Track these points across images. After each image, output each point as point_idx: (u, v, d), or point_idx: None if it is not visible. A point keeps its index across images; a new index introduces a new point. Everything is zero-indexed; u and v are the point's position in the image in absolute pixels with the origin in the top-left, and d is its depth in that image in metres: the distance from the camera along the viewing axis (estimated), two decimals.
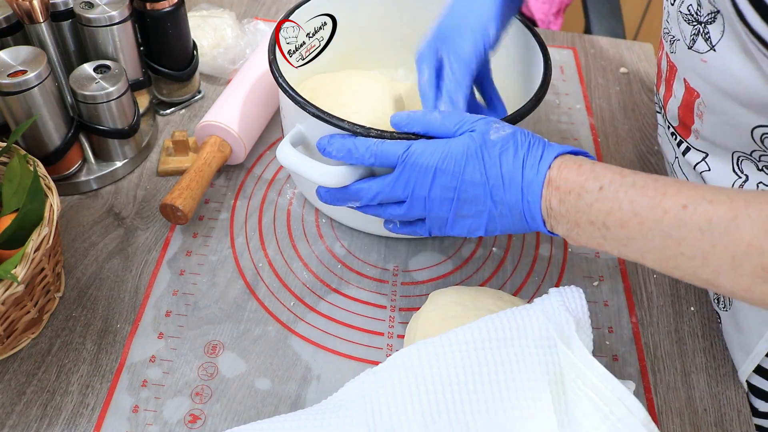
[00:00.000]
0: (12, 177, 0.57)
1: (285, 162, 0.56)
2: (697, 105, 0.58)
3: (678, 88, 0.60)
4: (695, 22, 0.54)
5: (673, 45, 0.59)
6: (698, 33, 0.54)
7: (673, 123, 0.64)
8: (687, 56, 0.56)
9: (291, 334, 0.60)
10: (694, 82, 0.57)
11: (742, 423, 0.57)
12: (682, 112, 0.61)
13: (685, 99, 0.59)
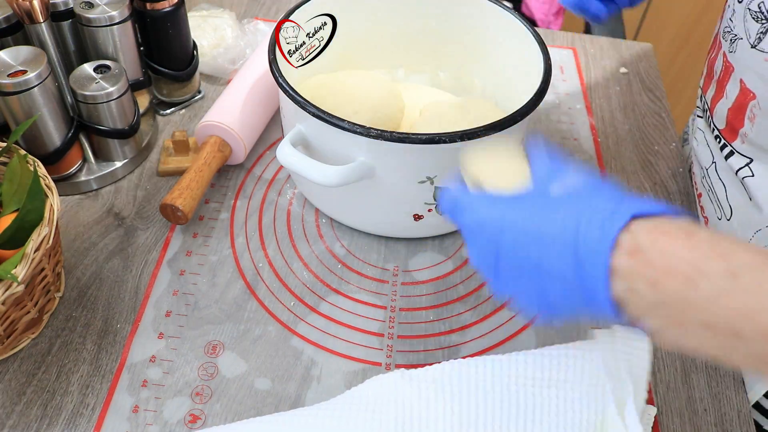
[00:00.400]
0: (12, 177, 0.56)
1: (285, 162, 0.56)
2: (750, 107, 0.57)
3: (732, 88, 0.59)
4: (764, 19, 0.53)
5: (733, 44, 0.58)
6: (766, 31, 0.53)
7: (719, 125, 0.62)
8: (748, 55, 0.55)
9: (291, 334, 0.60)
10: (752, 83, 0.56)
11: (742, 423, 0.57)
12: (732, 114, 0.60)
13: (738, 100, 0.58)
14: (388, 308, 0.63)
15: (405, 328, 0.61)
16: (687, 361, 0.61)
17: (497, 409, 0.48)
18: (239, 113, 0.72)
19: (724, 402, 0.58)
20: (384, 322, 0.62)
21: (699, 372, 0.60)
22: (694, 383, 0.59)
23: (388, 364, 0.59)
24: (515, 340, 0.61)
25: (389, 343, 0.60)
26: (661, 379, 0.59)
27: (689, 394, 0.59)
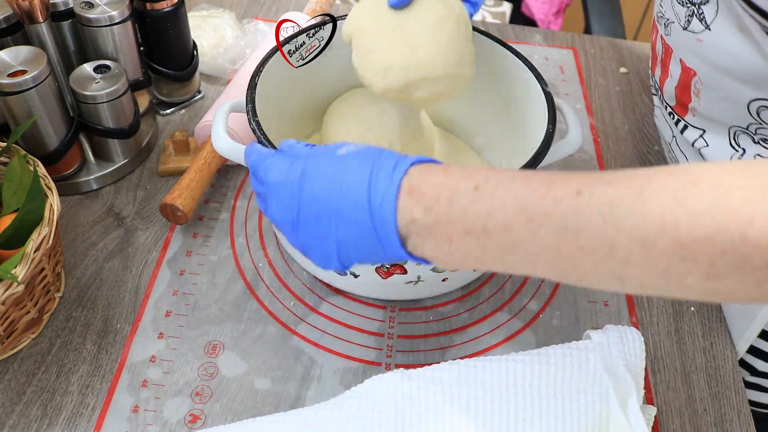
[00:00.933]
0: (12, 177, 0.57)
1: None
2: (693, 83, 0.59)
3: (674, 68, 0.62)
4: (689, 3, 0.56)
5: (667, 27, 0.61)
6: (693, 14, 0.56)
7: (670, 103, 0.66)
8: (682, 37, 0.58)
9: (291, 334, 0.60)
10: (690, 62, 0.59)
11: (742, 423, 0.57)
12: (679, 91, 0.63)
13: (681, 78, 0.61)
14: (388, 308, 0.63)
15: (405, 328, 0.61)
16: (687, 361, 0.61)
17: (498, 409, 0.48)
18: (239, 113, 0.71)
19: (724, 402, 0.58)
20: (384, 322, 0.62)
21: (699, 372, 0.60)
22: (694, 383, 0.59)
23: (388, 364, 0.59)
24: (515, 340, 0.61)
25: (389, 343, 0.60)
26: (661, 379, 0.59)
27: (689, 394, 0.59)
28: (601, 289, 0.38)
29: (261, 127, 0.55)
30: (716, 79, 0.56)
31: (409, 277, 0.58)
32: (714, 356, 0.62)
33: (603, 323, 0.63)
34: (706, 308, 0.65)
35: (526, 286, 0.66)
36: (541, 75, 0.62)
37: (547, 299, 0.64)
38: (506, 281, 0.66)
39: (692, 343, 0.62)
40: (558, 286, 0.66)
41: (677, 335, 0.63)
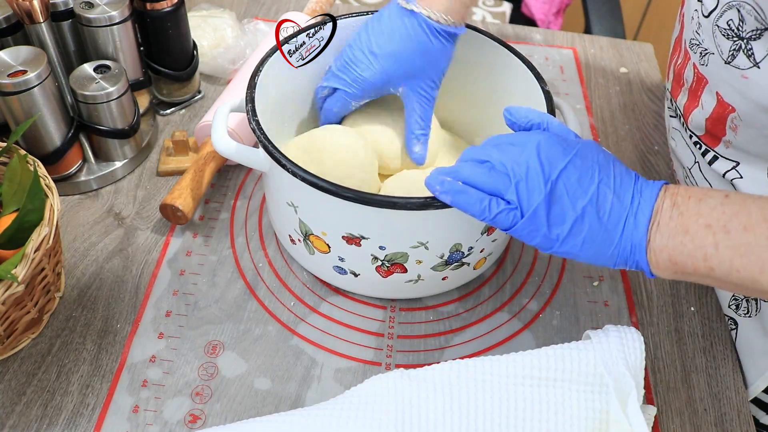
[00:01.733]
0: (12, 177, 0.56)
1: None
2: (730, 119, 0.56)
3: (707, 100, 0.59)
4: (736, 37, 0.52)
5: (704, 57, 0.57)
6: (739, 49, 0.52)
7: (697, 132, 0.62)
8: (723, 71, 0.55)
9: (291, 334, 0.60)
10: (730, 97, 0.55)
11: (742, 423, 0.57)
12: (711, 123, 0.59)
13: (716, 111, 0.58)
14: (388, 308, 0.63)
15: (405, 328, 0.61)
16: (687, 360, 0.61)
17: (497, 408, 0.48)
18: (239, 113, 0.72)
19: (724, 402, 0.58)
20: (384, 322, 0.62)
21: (699, 372, 0.60)
22: (694, 383, 0.59)
23: (388, 364, 0.59)
24: (515, 340, 0.61)
25: (389, 343, 0.60)
26: (661, 379, 0.59)
27: (689, 394, 0.59)
28: None
29: (261, 127, 0.55)
30: (759, 117, 0.53)
31: (410, 275, 0.58)
32: (714, 356, 0.62)
33: (603, 323, 0.63)
34: (706, 308, 0.65)
35: (526, 286, 0.66)
36: (540, 74, 0.62)
37: (547, 299, 0.64)
38: (506, 281, 0.66)
39: (692, 343, 0.62)
40: (558, 286, 0.66)
41: (677, 335, 0.63)
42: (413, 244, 0.55)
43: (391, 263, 0.57)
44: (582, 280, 0.66)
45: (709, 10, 0.56)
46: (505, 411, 0.47)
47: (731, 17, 0.53)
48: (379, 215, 0.52)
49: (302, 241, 0.59)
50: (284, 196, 0.57)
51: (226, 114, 0.60)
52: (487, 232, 0.57)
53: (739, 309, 0.62)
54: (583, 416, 0.47)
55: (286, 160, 0.52)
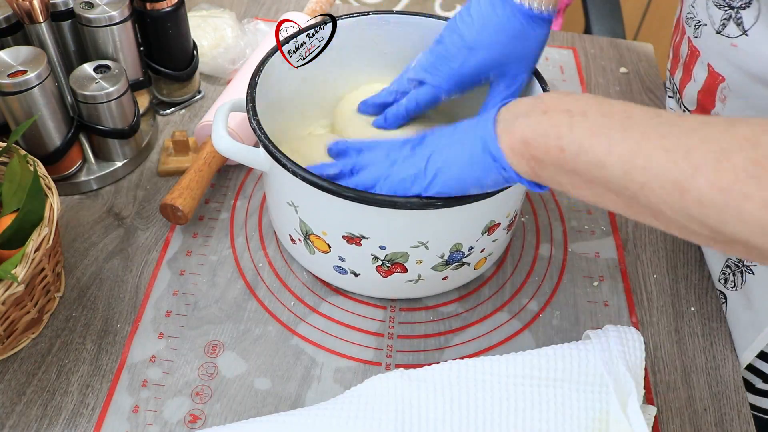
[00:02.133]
0: (12, 177, 0.57)
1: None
2: (720, 89, 0.58)
3: (699, 72, 0.60)
4: (727, 6, 0.54)
5: (697, 30, 0.59)
6: (730, 18, 0.54)
7: (689, 107, 0.64)
8: (714, 41, 0.56)
9: (291, 334, 0.60)
10: (720, 67, 0.57)
11: (742, 423, 0.57)
12: (702, 95, 0.61)
13: (707, 83, 0.59)
14: (388, 308, 0.63)
15: (405, 328, 0.61)
16: (687, 360, 0.61)
17: (497, 409, 0.48)
18: (239, 113, 0.72)
19: (724, 402, 0.58)
20: (384, 322, 0.62)
21: (699, 372, 0.60)
22: (694, 383, 0.59)
23: (388, 364, 0.59)
24: (515, 340, 0.61)
25: (389, 343, 0.60)
26: (661, 379, 0.59)
27: (689, 394, 0.59)
28: (656, 202, 0.38)
29: (261, 126, 0.55)
30: (747, 87, 0.54)
31: (410, 275, 0.58)
32: (714, 356, 0.62)
33: (603, 323, 0.63)
34: (706, 308, 0.65)
35: (526, 286, 0.66)
36: (541, 75, 0.62)
37: (547, 299, 0.64)
38: (506, 281, 0.66)
39: (692, 343, 0.62)
40: (558, 286, 0.66)
41: (677, 335, 0.63)
42: (413, 244, 0.55)
43: (391, 263, 0.57)
44: (582, 280, 0.66)
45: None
46: (505, 411, 0.47)
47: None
48: (380, 215, 0.52)
49: (303, 240, 0.59)
50: (285, 196, 0.57)
51: (227, 113, 0.60)
52: (487, 232, 0.57)
53: (727, 283, 0.64)
54: (583, 416, 0.47)
55: (287, 160, 0.52)
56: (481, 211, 0.55)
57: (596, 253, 0.69)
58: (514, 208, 0.59)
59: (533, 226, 0.71)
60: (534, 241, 0.70)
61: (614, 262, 0.68)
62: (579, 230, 0.71)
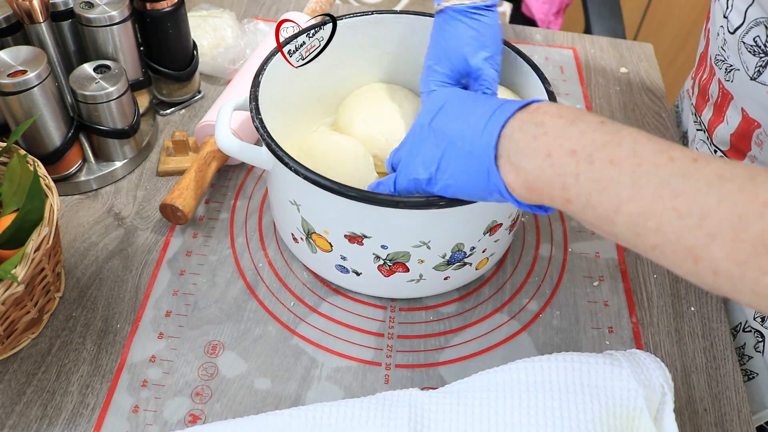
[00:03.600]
0: (12, 177, 0.56)
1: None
2: (756, 134, 0.56)
3: (733, 116, 0.59)
4: (762, 53, 0.52)
5: (729, 73, 0.58)
6: (766, 65, 0.52)
7: (721, 147, 0.62)
8: (749, 87, 0.55)
9: (291, 334, 0.60)
10: (755, 113, 0.55)
11: (742, 423, 0.57)
12: (736, 139, 0.59)
13: (741, 127, 0.58)
14: (388, 309, 0.63)
15: (405, 328, 0.61)
16: (687, 360, 0.61)
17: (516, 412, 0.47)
18: (239, 113, 0.72)
19: (724, 402, 0.58)
20: (384, 322, 0.62)
21: (699, 372, 0.60)
22: (694, 383, 0.59)
23: (388, 364, 0.59)
24: (515, 340, 0.61)
25: (389, 343, 0.60)
26: None
27: (689, 394, 0.59)
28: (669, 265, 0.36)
29: (264, 125, 0.55)
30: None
31: (411, 275, 0.58)
32: (714, 356, 0.62)
33: (603, 323, 0.63)
34: (706, 308, 0.65)
35: (526, 286, 0.66)
36: (544, 74, 0.62)
37: (547, 299, 0.64)
38: (506, 281, 0.66)
39: (692, 343, 0.62)
40: (558, 286, 0.66)
41: (677, 335, 0.63)
42: (415, 244, 0.55)
43: (393, 262, 0.57)
44: (582, 280, 0.66)
45: (735, 26, 0.56)
46: (526, 415, 0.47)
47: (758, 33, 0.52)
48: (382, 214, 0.52)
49: (305, 239, 0.59)
50: (287, 195, 0.57)
51: (230, 112, 0.60)
52: (489, 232, 0.57)
53: (765, 321, 0.62)
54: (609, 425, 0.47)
55: (289, 159, 0.52)
56: (483, 211, 0.55)
57: (596, 253, 0.69)
58: (516, 208, 0.59)
59: (533, 226, 0.71)
60: (534, 241, 0.70)
61: (614, 262, 0.68)
62: (579, 230, 0.71)
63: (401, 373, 0.58)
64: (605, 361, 0.49)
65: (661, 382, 0.48)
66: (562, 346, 0.61)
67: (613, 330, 0.62)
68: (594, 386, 0.47)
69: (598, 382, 0.47)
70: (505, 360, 0.59)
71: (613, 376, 0.47)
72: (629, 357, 0.49)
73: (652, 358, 0.50)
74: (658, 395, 0.47)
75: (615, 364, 0.48)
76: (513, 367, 0.50)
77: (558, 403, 0.47)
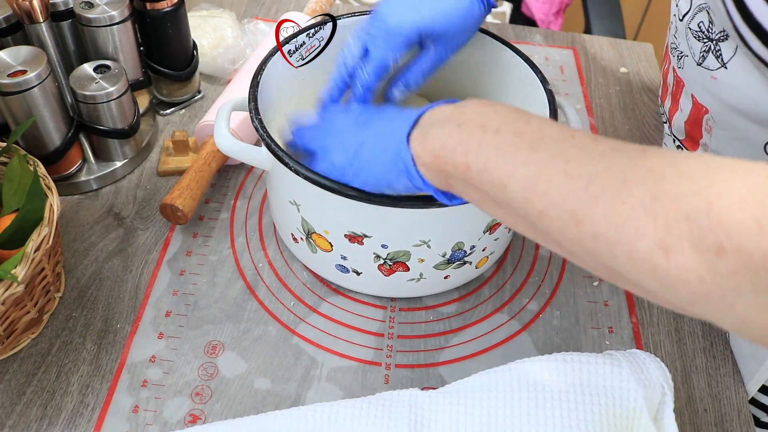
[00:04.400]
0: (12, 177, 0.56)
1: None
2: (705, 120, 0.57)
3: (685, 103, 0.60)
4: (706, 39, 0.53)
5: (680, 60, 0.58)
6: (709, 50, 0.53)
7: (679, 136, 0.63)
8: (696, 72, 0.55)
9: (291, 334, 0.60)
10: (703, 98, 0.56)
11: (742, 423, 0.57)
12: (689, 126, 0.60)
13: (692, 114, 0.59)
14: (388, 308, 0.63)
15: (405, 328, 0.61)
16: (687, 360, 0.61)
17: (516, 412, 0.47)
18: (238, 113, 0.72)
19: (724, 402, 0.58)
20: (384, 322, 0.62)
21: (699, 372, 0.60)
22: (694, 383, 0.59)
23: (388, 364, 0.59)
24: (515, 340, 0.61)
25: (389, 343, 0.60)
26: None
27: (689, 394, 0.59)
28: (554, 233, 0.36)
29: (263, 125, 0.55)
30: (730, 119, 0.53)
31: (412, 274, 0.58)
32: (714, 356, 0.62)
33: (603, 323, 0.63)
34: None
35: (526, 286, 0.65)
36: (543, 74, 0.62)
37: (547, 299, 0.64)
38: (506, 281, 0.66)
39: (692, 343, 0.62)
40: (558, 286, 0.66)
41: (677, 335, 0.63)
42: (415, 243, 0.55)
43: (393, 261, 0.57)
44: (582, 280, 0.66)
45: (683, 13, 0.57)
46: (526, 414, 0.47)
47: (701, 19, 0.53)
48: (382, 213, 0.52)
49: (305, 239, 0.59)
50: (287, 195, 0.57)
51: (229, 112, 0.60)
52: (489, 231, 0.57)
53: None
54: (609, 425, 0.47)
55: (289, 158, 0.52)
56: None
57: None
58: None
59: None
60: (534, 240, 0.70)
61: None
62: None
63: (401, 373, 0.58)
64: (605, 361, 0.49)
65: (661, 382, 0.47)
66: (562, 346, 0.61)
67: (613, 330, 0.62)
68: (594, 386, 0.47)
69: (597, 382, 0.47)
70: (505, 360, 0.59)
71: (612, 376, 0.47)
72: (629, 357, 0.49)
73: (652, 358, 0.50)
74: (658, 395, 0.47)
75: (615, 364, 0.48)
76: (513, 367, 0.50)
77: (558, 404, 0.47)
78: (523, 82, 0.64)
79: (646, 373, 0.48)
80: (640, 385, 0.47)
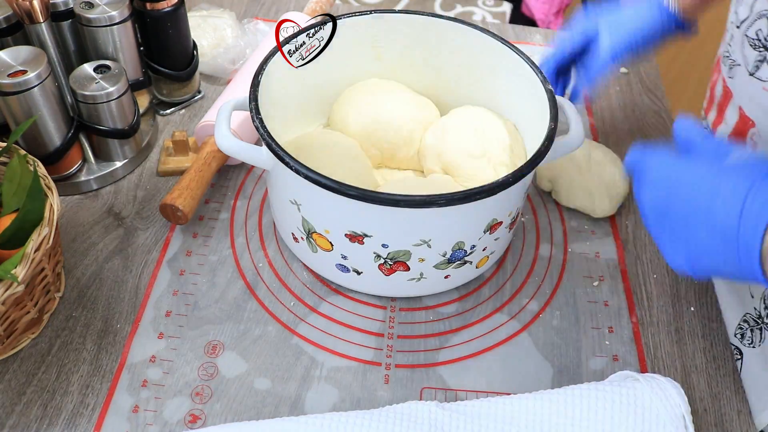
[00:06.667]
0: (12, 177, 0.56)
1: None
2: (750, 135, 0.55)
3: (731, 115, 0.58)
4: (762, 47, 0.51)
5: (732, 70, 0.57)
6: (764, 59, 0.51)
7: None
8: (747, 83, 0.54)
9: (291, 334, 0.60)
10: (751, 111, 0.55)
11: (742, 423, 0.57)
12: (732, 140, 0.59)
13: (737, 127, 0.57)
14: (388, 308, 0.63)
15: (405, 328, 0.61)
16: (687, 360, 0.61)
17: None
18: (239, 113, 0.72)
19: (724, 402, 0.58)
20: (384, 322, 0.62)
21: (699, 372, 0.60)
22: (694, 383, 0.59)
23: (388, 364, 0.59)
24: (515, 340, 0.61)
25: (389, 343, 0.60)
26: None
27: (689, 394, 0.59)
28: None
29: (264, 125, 0.55)
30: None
31: (412, 274, 0.58)
32: (714, 356, 0.62)
33: (603, 323, 0.63)
34: (706, 308, 0.65)
35: (526, 286, 0.66)
36: (544, 74, 0.62)
37: (547, 299, 0.64)
38: (506, 281, 0.66)
39: (692, 343, 0.62)
40: (558, 286, 0.66)
41: (677, 335, 0.63)
42: (416, 242, 0.55)
43: (393, 261, 0.57)
44: (582, 280, 0.66)
45: (741, 19, 0.55)
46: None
47: (761, 27, 0.52)
48: (382, 213, 0.52)
49: (305, 239, 0.59)
50: (287, 194, 0.57)
51: (230, 111, 0.60)
52: (489, 231, 0.57)
53: (744, 339, 0.61)
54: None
55: (290, 158, 0.52)
56: (484, 209, 0.55)
57: (596, 253, 0.69)
58: (516, 206, 0.59)
59: (533, 226, 0.71)
60: (534, 241, 0.70)
61: (614, 262, 0.68)
62: (579, 230, 0.71)
63: (401, 373, 0.58)
64: (628, 392, 0.49)
65: (683, 413, 0.49)
66: (562, 345, 0.61)
67: (613, 330, 0.62)
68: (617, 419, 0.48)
69: (621, 417, 0.48)
70: (505, 360, 0.59)
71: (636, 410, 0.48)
72: (650, 382, 0.50)
73: (672, 383, 0.50)
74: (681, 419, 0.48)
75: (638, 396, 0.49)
76: (537, 397, 0.51)
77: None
78: (524, 82, 0.64)
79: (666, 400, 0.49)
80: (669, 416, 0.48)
